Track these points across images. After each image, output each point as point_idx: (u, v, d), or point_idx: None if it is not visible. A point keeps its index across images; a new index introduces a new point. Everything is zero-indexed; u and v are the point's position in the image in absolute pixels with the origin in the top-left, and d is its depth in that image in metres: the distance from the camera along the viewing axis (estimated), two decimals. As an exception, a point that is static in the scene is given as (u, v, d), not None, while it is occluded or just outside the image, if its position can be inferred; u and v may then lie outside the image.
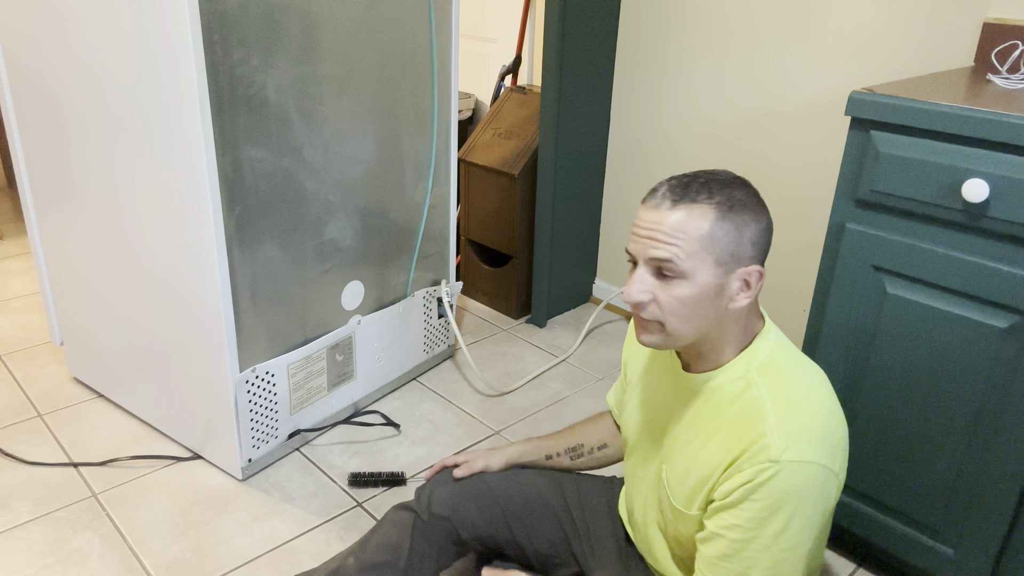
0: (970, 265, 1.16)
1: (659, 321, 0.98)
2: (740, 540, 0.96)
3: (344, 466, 1.76)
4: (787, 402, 0.96)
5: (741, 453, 0.95)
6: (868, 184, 1.24)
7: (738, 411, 0.99)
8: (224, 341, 1.54)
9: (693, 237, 0.94)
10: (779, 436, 0.93)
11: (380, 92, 1.73)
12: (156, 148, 1.47)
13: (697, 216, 0.94)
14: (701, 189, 0.96)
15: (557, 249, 2.41)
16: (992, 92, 1.26)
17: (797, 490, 0.92)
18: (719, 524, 0.98)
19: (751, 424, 0.96)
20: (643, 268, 0.98)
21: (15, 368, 2.10)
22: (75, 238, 1.77)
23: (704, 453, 1.01)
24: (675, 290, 0.96)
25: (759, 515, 0.94)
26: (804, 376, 1.01)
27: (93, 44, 1.48)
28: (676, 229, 0.95)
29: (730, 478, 0.96)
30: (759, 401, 0.97)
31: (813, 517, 0.95)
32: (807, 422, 0.95)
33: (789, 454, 0.92)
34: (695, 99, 2.15)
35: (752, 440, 0.94)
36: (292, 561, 1.49)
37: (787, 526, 0.94)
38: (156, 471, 1.72)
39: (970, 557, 1.28)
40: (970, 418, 1.22)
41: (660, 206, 0.96)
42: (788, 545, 0.95)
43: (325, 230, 1.70)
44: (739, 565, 0.97)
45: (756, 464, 0.93)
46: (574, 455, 1.35)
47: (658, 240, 0.95)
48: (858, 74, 1.82)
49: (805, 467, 0.92)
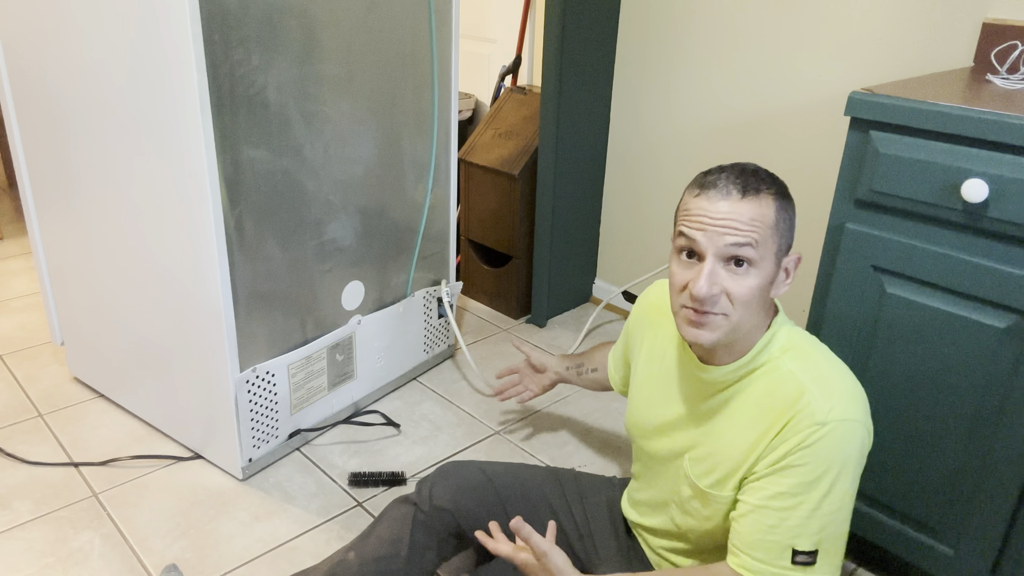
0: (970, 265, 1.16)
1: (725, 314, 0.98)
2: (785, 508, 0.98)
3: (344, 466, 1.77)
4: (818, 370, 1.00)
5: (786, 423, 0.98)
6: (868, 184, 1.24)
7: (771, 390, 1.01)
8: (224, 341, 1.55)
9: (765, 225, 0.96)
10: (821, 400, 0.97)
11: (380, 92, 1.74)
12: (156, 148, 1.47)
13: (765, 205, 0.97)
14: (760, 179, 0.98)
15: (557, 249, 2.41)
16: (991, 92, 1.26)
17: (843, 449, 0.96)
18: (761, 496, 0.99)
19: (789, 397, 0.99)
20: (712, 260, 0.97)
21: (16, 368, 2.10)
22: (76, 238, 1.77)
23: (739, 438, 1.03)
24: (747, 280, 0.97)
25: (806, 479, 0.96)
26: (819, 347, 1.05)
27: (93, 44, 1.48)
28: (752, 218, 0.96)
29: (775, 449, 0.99)
30: (792, 376, 1.00)
31: (855, 476, 0.98)
32: (842, 385, 0.99)
33: (835, 413, 0.96)
34: (695, 99, 2.15)
35: (796, 409, 0.98)
36: (292, 561, 1.50)
37: (832, 487, 0.97)
38: (156, 471, 1.73)
39: (970, 557, 1.28)
40: (969, 418, 1.23)
41: (729, 196, 0.96)
42: (833, 508, 0.98)
43: (325, 230, 1.70)
44: (785, 535, 0.98)
45: (803, 430, 0.97)
46: (580, 371, 1.60)
47: (736, 229, 0.95)
48: (858, 74, 1.82)
49: (851, 425, 0.96)
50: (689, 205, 1.00)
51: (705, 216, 0.97)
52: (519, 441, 1.88)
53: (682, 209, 1.01)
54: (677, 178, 2.26)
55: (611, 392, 2.10)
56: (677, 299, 1.02)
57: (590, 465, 1.81)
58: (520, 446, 1.86)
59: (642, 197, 2.37)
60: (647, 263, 2.43)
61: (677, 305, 1.02)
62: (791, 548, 0.98)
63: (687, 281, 0.99)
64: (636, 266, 2.46)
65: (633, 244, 2.45)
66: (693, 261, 0.99)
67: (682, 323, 1.01)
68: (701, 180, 1.00)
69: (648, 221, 2.38)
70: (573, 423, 1.96)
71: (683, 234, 0.99)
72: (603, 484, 1.36)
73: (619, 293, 2.52)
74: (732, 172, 0.98)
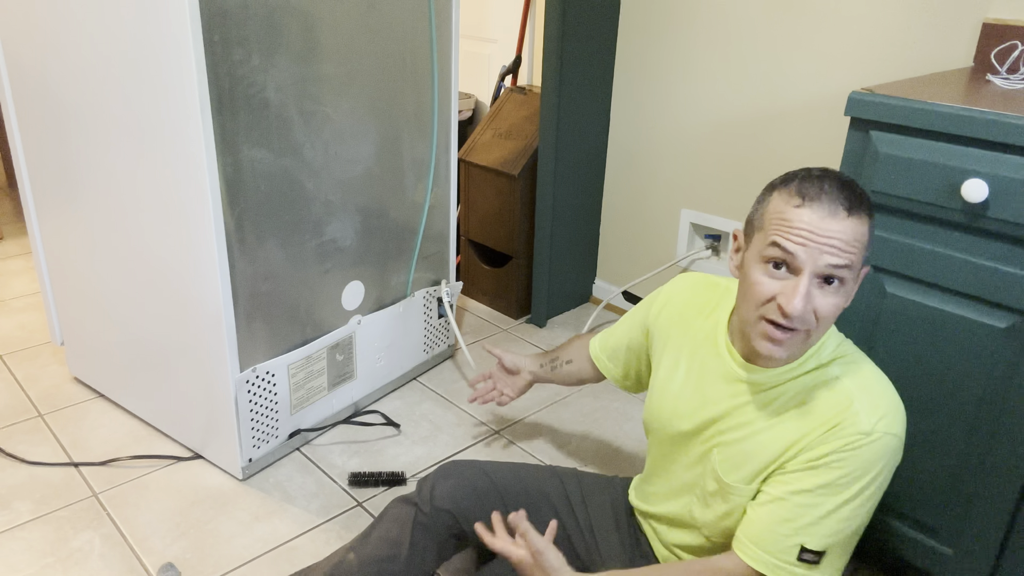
0: (970, 265, 1.16)
1: (807, 331, 0.96)
2: (805, 505, 0.98)
3: (344, 466, 1.77)
4: (867, 382, 1.01)
5: (831, 428, 0.98)
6: (868, 184, 1.24)
7: (818, 396, 1.01)
8: (224, 341, 1.55)
9: (862, 245, 0.95)
10: (870, 410, 0.98)
11: (380, 92, 1.74)
12: (157, 148, 1.48)
13: (863, 225, 0.95)
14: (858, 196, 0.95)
15: (557, 249, 2.41)
16: (991, 92, 1.26)
17: (880, 461, 0.97)
18: (784, 489, 1.00)
19: (839, 404, 0.99)
20: (809, 277, 0.94)
21: (16, 368, 2.10)
22: (76, 238, 1.77)
23: (775, 438, 1.03)
24: (835, 299, 0.95)
25: (836, 481, 0.97)
26: (869, 361, 1.05)
27: (94, 44, 1.48)
28: (853, 238, 0.93)
29: (813, 448, 0.99)
30: (840, 384, 1.01)
31: (881, 489, 0.99)
32: (889, 400, 1.00)
33: (882, 425, 0.97)
34: (695, 99, 2.15)
35: (844, 416, 0.98)
36: (292, 561, 1.50)
37: (858, 495, 0.98)
38: (156, 471, 1.73)
39: (969, 557, 1.28)
40: (969, 418, 1.23)
41: (836, 214, 0.93)
42: (851, 514, 0.98)
43: (325, 230, 1.70)
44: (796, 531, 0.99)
45: (848, 436, 0.97)
46: (554, 365, 1.56)
47: (840, 250, 0.93)
48: (858, 74, 1.82)
49: (892, 440, 0.98)
50: (789, 216, 0.95)
51: (810, 232, 0.93)
52: (519, 441, 1.88)
53: (777, 217, 0.96)
54: (677, 178, 2.26)
55: (611, 392, 2.10)
56: (757, 310, 0.98)
57: (590, 465, 1.81)
58: (520, 446, 1.86)
59: (642, 197, 2.37)
60: (647, 263, 2.43)
61: (755, 316, 0.98)
62: (800, 545, 0.98)
63: (774, 294, 0.96)
64: (636, 266, 2.47)
65: (633, 244, 2.45)
66: (782, 273, 0.96)
67: (759, 336, 0.98)
68: (801, 189, 0.95)
69: (648, 221, 2.38)
70: (573, 423, 1.96)
71: (778, 245, 0.95)
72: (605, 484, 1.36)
73: (619, 293, 2.52)
74: (834, 185, 0.94)
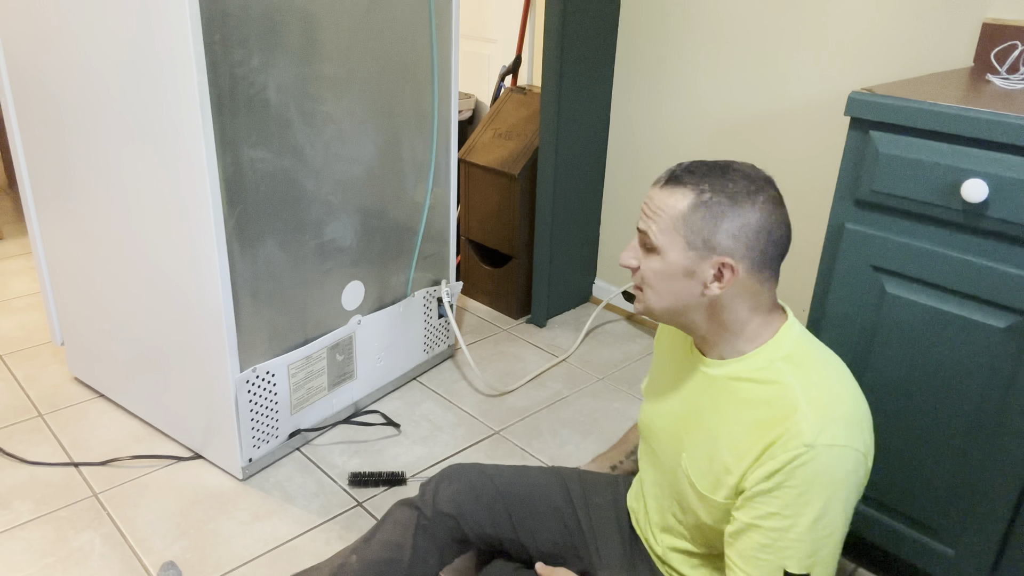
0: (969, 265, 1.16)
1: (639, 287, 1.07)
2: (777, 529, 0.96)
3: (344, 466, 1.77)
4: (817, 389, 0.98)
5: (775, 440, 0.96)
6: (867, 184, 1.24)
7: (767, 399, 1.00)
8: (224, 341, 1.55)
9: (668, 215, 1.01)
10: (812, 421, 0.95)
11: (380, 92, 1.74)
12: (157, 148, 1.48)
13: (679, 197, 1.00)
14: (695, 173, 1.01)
15: (557, 249, 2.41)
16: (991, 92, 1.26)
17: (832, 474, 0.94)
18: (753, 514, 0.98)
19: (782, 411, 0.97)
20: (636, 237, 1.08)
21: (16, 368, 2.10)
22: (76, 238, 1.77)
23: (731, 440, 1.02)
24: (651, 262, 1.04)
25: (796, 501, 0.95)
26: (829, 364, 1.03)
27: (94, 44, 1.48)
28: (658, 206, 1.02)
29: (763, 465, 0.97)
30: (789, 389, 0.99)
31: (848, 502, 0.96)
32: (838, 407, 0.97)
33: (824, 438, 0.94)
34: (695, 99, 2.16)
35: (785, 427, 0.96)
36: (292, 561, 1.50)
37: (824, 512, 0.95)
38: (157, 471, 1.73)
39: (970, 557, 1.28)
40: (969, 418, 1.23)
41: (656, 184, 1.04)
42: (825, 532, 0.96)
43: (325, 230, 1.70)
44: (777, 556, 0.97)
45: (791, 450, 0.94)
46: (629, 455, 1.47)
47: (645, 214, 1.04)
48: (858, 74, 1.82)
49: (840, 451, 0.94)
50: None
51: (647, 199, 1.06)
52: (519, 441, 1.88)
53: None
54: (677, 178, 2.26)
55: (611, 392, 2.10)
56: None
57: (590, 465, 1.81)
58: (520, 446, 1.86)
59: (642, 197, 2.37)
60: (647, 263, 2.43)
61: None
62: (783, 569, 0.97)
63: None
64: (636, 266, 2.46)
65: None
66: None
67: None
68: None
69: (648, 221, 2.38)
70: (573, 423, 1.96)
71: None
72: (607, 483, 1.36)
73: (619, 293, 2.52)
74: (688, 164, 1.04)
